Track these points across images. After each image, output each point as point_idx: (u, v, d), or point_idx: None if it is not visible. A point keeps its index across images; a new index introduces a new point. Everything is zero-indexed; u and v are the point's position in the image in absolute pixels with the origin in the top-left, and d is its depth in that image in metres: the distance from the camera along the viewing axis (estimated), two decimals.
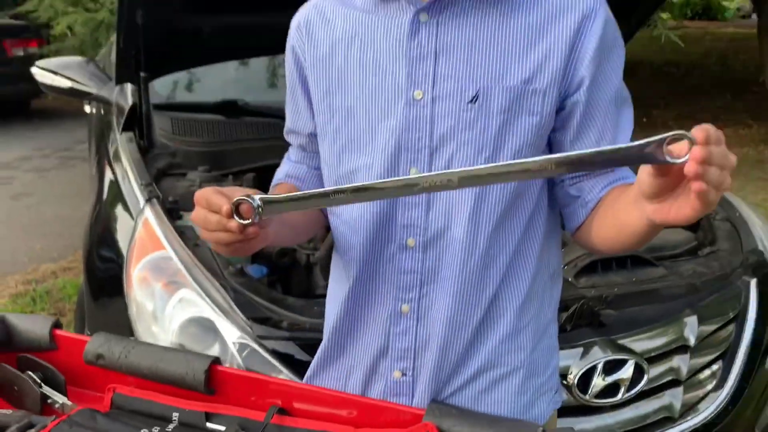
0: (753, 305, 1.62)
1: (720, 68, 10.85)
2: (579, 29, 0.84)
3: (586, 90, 0.86)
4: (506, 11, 0.85)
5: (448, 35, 0.86)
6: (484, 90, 0.85)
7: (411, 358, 0.94)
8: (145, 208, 1.58)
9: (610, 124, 0.89)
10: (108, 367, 1.03)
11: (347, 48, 0.90)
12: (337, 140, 0.93)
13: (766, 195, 5.00)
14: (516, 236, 0.91)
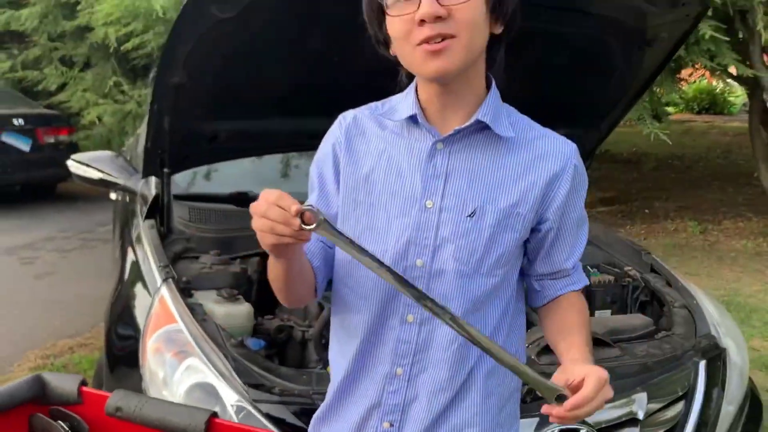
0: (701, 385, 1.79)
1: (723, 161, 11.11)
2: (556, 173, 1.10)
3: (558, 219, 1.11)
4: (502, 150, 1.10)
5: (457, 162, 1.09)
6: (480, 208, 1.08)
7: (399, 412, 1.13)
8: (162, 287, 1.81)
9: (571, 241, 1.14)
10: (125, 418, 1.23)
11: (377, 159, 1.13)
12: (357, 226, 1.13)
13: (761, 287, 5.12)
14: (494, 321, 1.13)
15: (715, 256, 6.01)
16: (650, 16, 2.00)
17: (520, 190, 1.09)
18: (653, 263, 2.41)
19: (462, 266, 1.08)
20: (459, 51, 0.99)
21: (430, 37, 0.98)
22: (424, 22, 0.97)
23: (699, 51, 4.49)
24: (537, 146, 1.11)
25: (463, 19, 0.98)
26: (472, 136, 1.09)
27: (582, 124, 2.41)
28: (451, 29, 0.98)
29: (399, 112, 1.12)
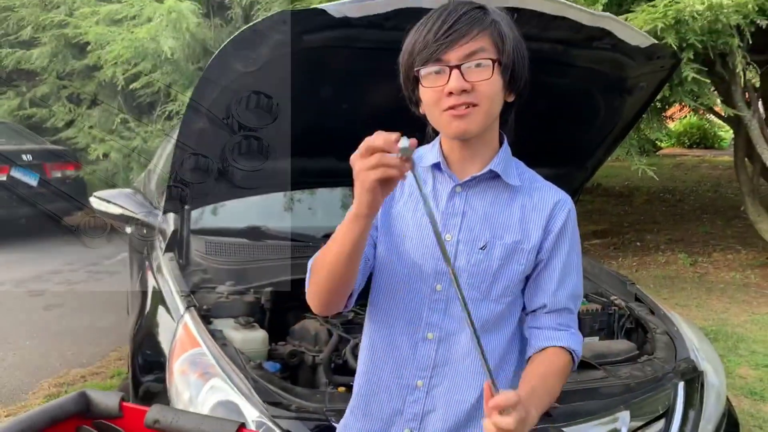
0: (680, 404, 1.96)
1: (713, 195, 11.32)
2: (553, 216, 1.29)
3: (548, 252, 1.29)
4: (510, 196, 1.29)
5: (473, 203, 1.29)
6: (490, 243, 1.27)
7: (419, 420, 1.31)
8: (185, 314, 1.98)
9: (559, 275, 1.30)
10: (162, 429, 1.39)
11: (408, 197, 1.32)
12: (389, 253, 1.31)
13: (748, 317, 5.28)
14: (501, 345, 1.31)
15: (705, 287, 6.18)
16: (629, 68, 2.21)
17: (523, 230, 1.28)
18: (637, 293, 2.58)
19: (474, 291, 1.26)
20: (479, 117, 1.19)
21: (455, 105, 1.17)
22: (452, 94, 1.16)
23: (683, 92, 4.72)
24: (538, 194, 1.31)
25: (483, 92, 1.17)
26: (485, 182, 1.29)
27: (568, 164, 2.61)
28: (473, 99, 1.17)
29: (426, 159, 1.32)
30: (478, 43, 1.16)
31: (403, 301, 1.29)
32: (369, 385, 1.36)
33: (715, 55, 4.77)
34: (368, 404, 1.36)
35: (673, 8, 4.32)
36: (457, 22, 1.16)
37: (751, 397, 3.72)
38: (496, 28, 1.19)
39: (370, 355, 1.37)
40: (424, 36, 1.18)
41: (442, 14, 1.18)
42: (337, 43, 1.90)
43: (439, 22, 1.17)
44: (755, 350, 4.47)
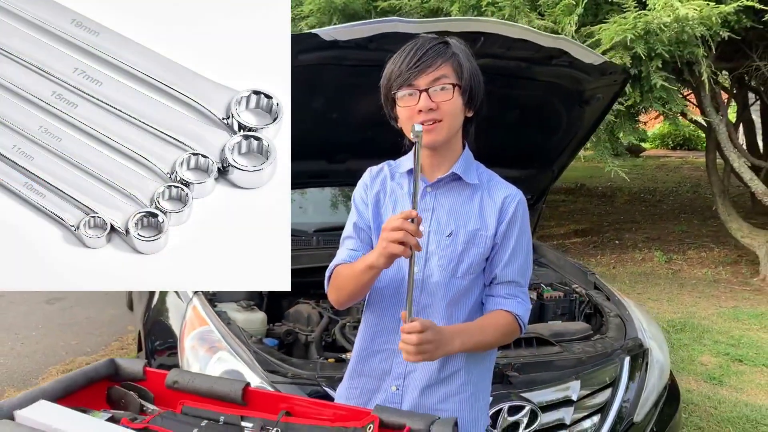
0: (625, 376, 2.25)
1: (692, 195, 11.65)
2: (505, 207, 1.56)
3: (501, 237, 1.56)
4: (471, 192, 1.57)
5: (440, 201, 1.57)
6: (455, 231, 1.55)
7: (403, 378, 1.60)
8: (193, 297, 2.25)
9: (509, 256, 1.57)
10: (181, 389, 1.66)
11: (387, 198, 1.61)
12: None
13: (715, 310, 5.59)
14: (466, 311, 1.59)
15: (677, 283, 6.50)
16: (585, 82, 2.51)
17: (482, 219, 1.55)
18: (596, 282, 2.88)
19: (443, 271, 1.54)
20: (443, 130, 1.48)
21: (424, 120, 1.46)
22: (421, 111, 1.45)
23: (653, 98, 5.02)
24: (494, 190, 1.58)
25: (446, 110, 1.47)
26: (450, 183, 1.57)
27: (536, 167, 2.91)
28: (438, 116, 1.46)
29: (403, 167, 1.63)
30: (441, 71, 1.46)
31: (389, 282, 1.59)
32: (365, 352, 1.65)
33: (683, 64, 5.08)
34: (363, 366, 1.66)
35: (642, 20, 4.63)
36: (424, 54, 1.45)
37: (710, 382, 4.03)
38: (456, 59, 1.48)
39: (365, 328, 1.67)
40: (399, 66, 1.48)
41: (413, 48, 1.48)
42: (328, 61, 2.19)
43: (410, 54, 1.47)
44: (718, 340, 4.78)
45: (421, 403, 1.61)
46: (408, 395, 1.61)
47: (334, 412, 1.59)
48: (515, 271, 1.59)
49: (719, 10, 4.48)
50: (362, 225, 1.66)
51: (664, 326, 5.03)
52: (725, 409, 3.62)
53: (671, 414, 2.38)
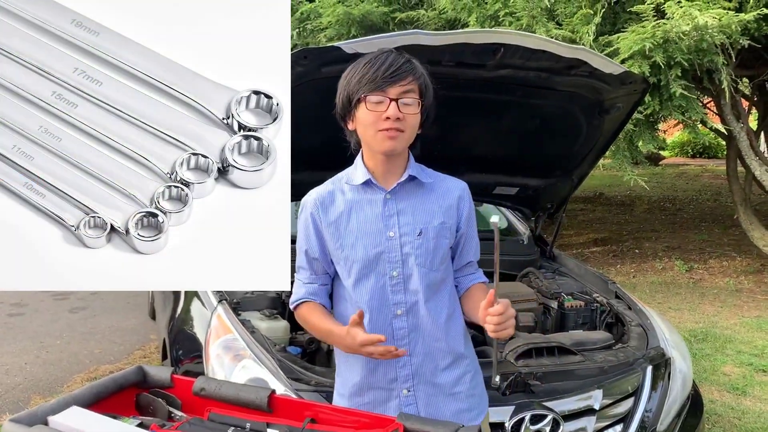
0: (647, 385, 2.25)
1: (712, 204, 11.55)
2: (460, 198, 1.68)
3: (465, 226, 1.69)
4: (427, 192, 1.67)
5: (402, 204, 1.64)
6: (423, 229, 1.63)
7: (411, 379, 1.66)
8: (218, 306, 2.29)
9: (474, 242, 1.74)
10: (207, 396, 1.69)
11: (348, 214, 1.66)
12: (347, 262, 1.66)
13: (737, 320, 5.53)
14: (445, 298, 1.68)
15: (699, 292, 6.44)
16: (605, 92, 2.52)
17: (443, 212, 1.65)
18: (617, 291, 2.88)
19: (421, 268, 1.62)
20: (403, 140, 1.57)
21: (389, 128, 1.53)
22: (388, 119, 1.51)
23: (672, 107, 5.01)
24: (444, 185, 1.69)
25: (409, 122, 1.55)
26: (407, 185, 1.65)
27: (555, 176, 2.91)
28: (402, 126, 1.53)
29: (356, 178, 1.66)
30: (411, 86, 1.54)
31: (371, 293, 1.64)
32: (367, 368, 1.68)
33: (702, 72, 5.07)
34: (370, 380, 1.69)
35: (661, 29, 4.63)
36: (400, 67, 1.53)
37: (734, 392, 3.98)
38: (423, 80, 1.58)
39: None
40: (373, 72, 1.53)
41: (387, 59, 1.55)
42: None
43: (387, 63, 1.54)
44: (741, 350, 4.73)
45: (436, 396, 1.67)
46: (421, 393, 1.66)
47: (358, 419, 1.61)
48: (477, 251, 1.76)
49: (739, 19, 4.46)
50: (313, 254, 1.70)
51: (686, 336, 4.99)
52: (749, 420, 3.58)
53: (695, 424, 2.37)
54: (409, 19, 5.91)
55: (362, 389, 1.70)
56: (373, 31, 5.91)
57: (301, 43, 6.33)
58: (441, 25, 5.79)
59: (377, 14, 5.91)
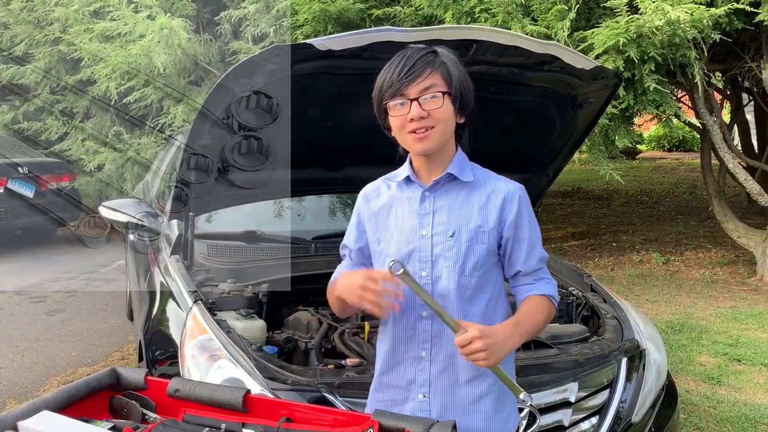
0: (622, 377, 2.27)
1: (688, 197, 11.67)
2: (505, 202, 1.59)
3: (512, 233, 1.59)
4: (468, 191, 1.60)
5: (439, 203, 1.60)
6: (457, 231, 1.57)
7: (428, 385, 1.62)
8: (193, 306, 2.26)
9: (525, 249, 1.61)
10: (182, 397, 1.68)
11: (388, 209, 1.66)
12: (381, 255, 1.65)
13: (713, 311, 5.60)
14: (482, 306, 1.60)
15: (675, 284, 6.52)
16: (578, 86, 2.53)
17: (482, 215, 1.58)
18: (593, 284, 2.90)
19: (451, 271, 1.56)
20: (435, 137, 1.52)
21: (416, 129, 1.49)
22: (413, 120, 1.48)
23: (646, 101, 5.06)
24: (490, 186, 1.61)
25: (437, 117, 1.50)
26: (447, 184, 1.60)
27: (530, 171, 2.93)
28: (430, 123, 1.49)
29: (399, 176, 1.66)
30: (431, 80, 1.49)
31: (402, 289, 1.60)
32: (387, 364, 1.68)
33: (675, 66, 5.12)
34: (388, 378, 1.68)
35: (634, 24, 4.67)
36: (414, 65, 1.49)
37: (709, 382, 4.04)
38: (445, 68, 1.52)
39: (384, 339, 1.70)
40: (390, 76, 1.51)
41: (402, 59, 1.51)
42: (323, 71, 2.22)
43: (401, 65, 1.50)
44: (716, 340, 4.80)
45: (450, 408, 1.62)
46: (436, 402, 1.62)
47: (334, 417, 1.61)
48: (535, 261, 1.64)
49: (710, 13, 4.52)
50: (352, 244, 1.73)
51: (663, 327, 5.05)
52: (724, 409, 3.63)
53: (669, 414, 2.40)
54: (385, 16, 5.91)
55: (382, 385, 1.70)
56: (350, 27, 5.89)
57: (277, 40, 6.30)
58: (417, 22, 5.79)
59: (354, 11, 5.90)
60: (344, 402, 1.91)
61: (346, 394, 1.92)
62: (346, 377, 2.00)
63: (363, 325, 2.51)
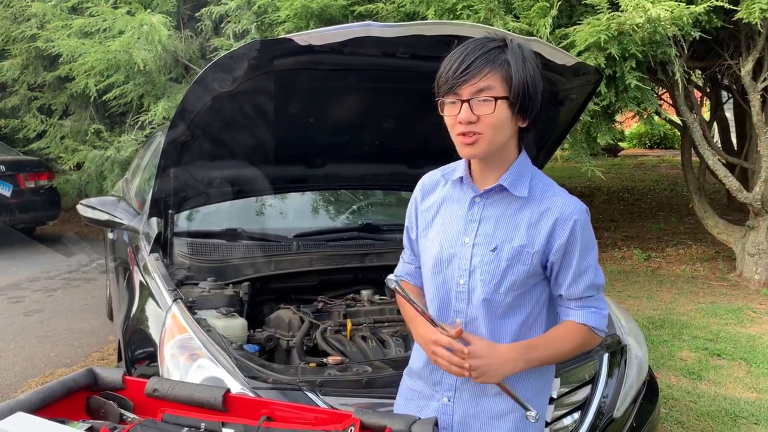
0: (604, 373, 2.28)
1: (669, 193, 11.78)
2: (557, 224, 1.47)
3: (559, 258, 1.48)
4: (520, 205, 1.50)
5: (488, 212, 1.52)
6: (499, 246, 1.49)
7: (453, 390, 1.59)
8: (173, 305, 2.23)
9: (572, 275, 1.50)
10: (160, 397, 1.65)
11: (438, 206, 1.61)
12: (425, 253, 1.62)
13: (693, 306, 5.66)
14: (513, 327, 1.52)
15: (656, 280, 6.57)
16: (559, 83, 2.53)
17: (529, 235, 1.47)
18: None
19: (485, 286, 1.49)
20: (483, 144, 1.42)
21: (464, 132, 1.41)
22: (461, 123, 1.40)
23: (627, 98, 5.08)
24: (546, 204, 1.49)
25: (487, 123, 1.39)
26: (499, 194, 1.51)
27: None
28: (479, 129, 1.40)
29: (456, 173, 1.59)
30: (487, 82, 1.38)
31: (437, 293, 1.58)
32: (422, 359, 1.65)
33: (656, 64, 5.15)
34: (421, 371, 1.66)
35: (615, 21, 4.69)
36: (472, 63, 1.38)
37: (690, 377, 4.08)
38: (506, 68, 1.39)
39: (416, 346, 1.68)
40: (447, 71, 1.41)
41: (463, 53, 1.40)
42: (303, 66, 2.19)
43: (458, 60, 1.40)
44: (697, 336, 4.84)
45: (472, 418, 1.58)
46: (459, 409, 1.59)
47: (315, 416, 1.59)
48: (582, 288, 1.53)
49: (690, 11, 4.55)
50: (411, 235, 1.71)
51: (644, 323, 5.09)
52: (705, 403, 3.67)
53: (650, 409, 2.41)
54: (368, 12, 5.88)
55: (414, 374, 1.69)
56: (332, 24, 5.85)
57: (259, 36, 6.25)
58: (400, 18, 5.78)
59: (336, 7, 5.86)
60: (326, 400, 1.89)
61: (327, 392, 1.90)
62: (327, 375, 1.98)
63: (345, 323, 2.50)
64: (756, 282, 6.17)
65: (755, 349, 4.55)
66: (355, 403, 1.84)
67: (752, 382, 3.99)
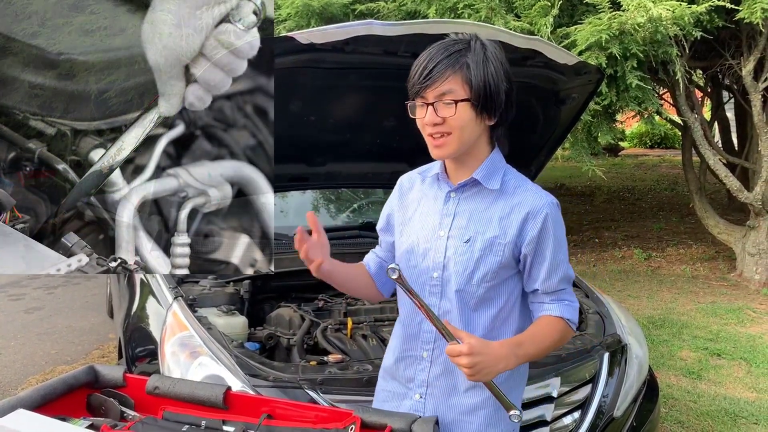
0: (604, 372, 2.28)
1: (669, 193, 11.78)
2: (529, 217, 1.49)
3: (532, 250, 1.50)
4: (493, 199, 1.53)
5: (462, 206, 1.55)
6: (472, 237, 1.51)
7: (425, 386, 1.60)
8: (173, 303, 2.24)
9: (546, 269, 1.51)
10: (161, 395, 1.65)
11: (416, 203, 1.64)
12: (401, 247, 1.63)
13: (693, 306, 5.67)
14: (487, 319, 1.54)
15: (657, 280, 6.58)
16: (560, 82, 2.53)
17: (501, 226, 1.50)
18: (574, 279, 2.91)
19: (459, 278, 1.51)
20: (452, 143, 1.46)
21: (432, 134, 1.46)
22: (428, 125, 1.45)
23: (628, 98, 5.08)
24: (518, 198, 1.52)
25: (453, 124, 1.43)
26: (473, 188, 1.55)
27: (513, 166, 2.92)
28: (446, 129, 1.44)
29: (432, 171, 1.63)
30: (448, 86, 1.42)
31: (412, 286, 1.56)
32: (394, 356, 1.67)
33: (657, 63, 5.15)
34: (394, 371, 1.67)
35: (617, 21, 4.69)
36: (435, 66, 1.42)
37: (689, 377, 4.08)
38: (466, 71, 1.43)
39: (397, 332, 1.69)
40: (413, 75, 1.46)
41: (428, 57, 1.45)
42: (305, 64, 2.19)
43: (423, 65, 1.45)
44: (697, 335, 4.85)
45: (443, 414, 1.59)
46: (430, 405, 1.60)
47: (315, 414, 1.59)
48: (556, 282, 1.55)
49: (692, 10, 4.55)
50: (381, 227, 1.75)
51: (644, 323, 5.09)
52: (705, 403, 3.67)
53: (650, 409, 2.41)
54: (369, 11, 5.88)
55: (387, 375, 1.70)
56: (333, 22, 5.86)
57: None
58: (401, 17, 5.78)
59: (337, 6, 5.87)
60: (326, 398, 1.89)
61: (328, 390, 1.90)
62: (328, 373, 1.98)
63: (346, 322, 2.50)
64: (756, 282, 6.18)
65: (755, 349, 4.55)
66: (355, 402, 1.84)
67: (752, 382, 4.00)
